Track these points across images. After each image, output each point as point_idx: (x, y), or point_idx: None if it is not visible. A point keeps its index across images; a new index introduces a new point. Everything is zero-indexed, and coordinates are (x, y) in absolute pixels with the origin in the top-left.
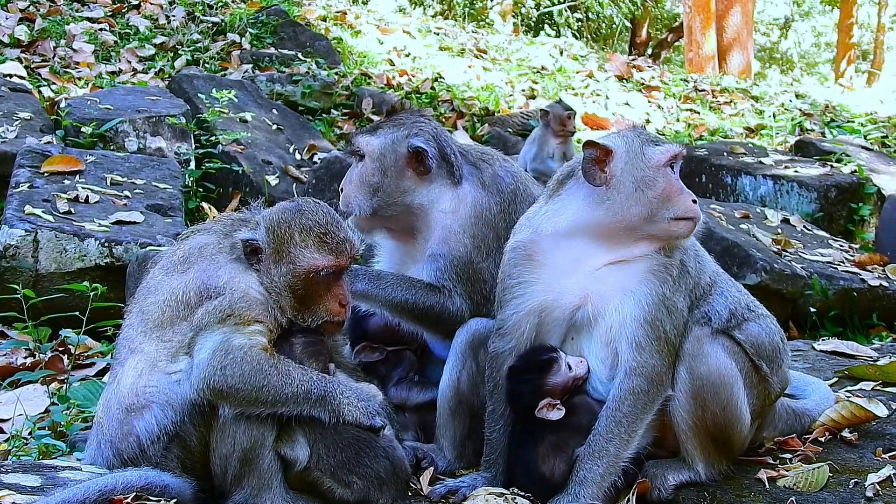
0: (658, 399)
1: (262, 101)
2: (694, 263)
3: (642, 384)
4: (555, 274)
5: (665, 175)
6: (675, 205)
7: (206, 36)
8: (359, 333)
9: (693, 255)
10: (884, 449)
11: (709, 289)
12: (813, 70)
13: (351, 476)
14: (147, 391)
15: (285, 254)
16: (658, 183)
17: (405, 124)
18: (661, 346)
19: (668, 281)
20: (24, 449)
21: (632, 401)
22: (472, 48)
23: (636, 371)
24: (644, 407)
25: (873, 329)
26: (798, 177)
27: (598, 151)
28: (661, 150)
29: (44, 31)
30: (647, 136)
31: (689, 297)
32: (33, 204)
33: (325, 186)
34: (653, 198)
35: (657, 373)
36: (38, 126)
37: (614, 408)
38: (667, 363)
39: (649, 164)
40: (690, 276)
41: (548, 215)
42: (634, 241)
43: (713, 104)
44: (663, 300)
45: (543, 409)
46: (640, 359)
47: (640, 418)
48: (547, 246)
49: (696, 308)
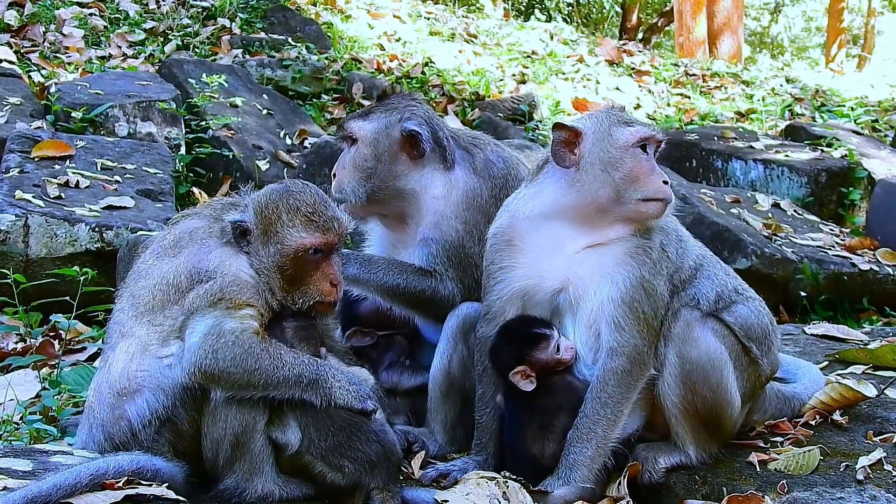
0: (641, 378)
1: (252, 86)
2: (675, 247)
3: (624, 364)
4: (535, 258)
5: (633, 155)
6: (644, 185)
7: (196, 21)
8: (350, 318)
9: (675, 239)
10: (874, 432)
11: (693, 272)
12: (803, 54)
13: (342, 460)
14: (138, 375)
15: (273, 234)
16: (625, 164)
17: (397, 108)
18: (640, 326)
19: (646, 263)
20: (15, 434)
21: (615, 381)
22: (462, 33)
23: (617, 351)
24: (628, 386)
25: (864, 313)
26: (789, 161)
27: (566, 133)
28: (629, 132)
29: (33, 16)
30: (619, 118)
31: (669, 281)
32: (24, 189)
33: (315, 171)
34: (619, 179)
35: (638, 352)
36: (28, 111)
37: (599, 389)
38: (648, 342)
39: (616, 144)
40: (671, 261)
41: (525, 199)
42: (609, 224)
43: (704, 89)
44: (641, 282)
45: (518, 375)
46: (620, 339)
47: (625, 398)
48: (525, 230)
49: (681, 291)
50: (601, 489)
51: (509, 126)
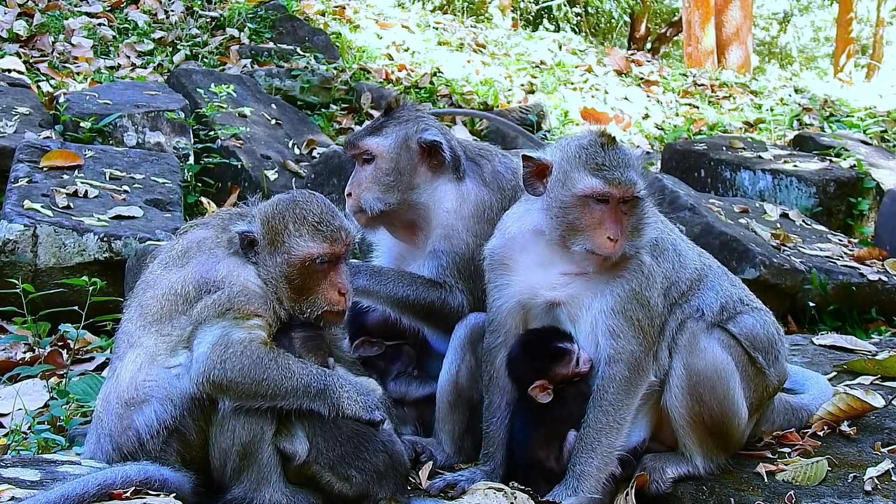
0: (640, 384)
1: (260, 96)
2: (672, 261)
3: (622, 370)
4: (527, 276)
5: (583, 206)
6: (586, 239)
7: (205, 31)
8: (358, 328)
9: (672, 252)
10: (882, 443)
11: (694, 285)
12: (812, 64)
13: (350, 470)
14: (146, 385)
15: (280, 244)
16: (572, 213)
17: (410, 120)
18: (636, 333)
19: (637, 277)
20: (23, 443)
21: (614, 388)
22: (470, 43)
23: (615, 358)
24: (627, 392)
25: (872, 323)
26: (797, 171)
27: (533, 165)
28: (584, 183)
29: (42, 26)
30: (588, 157)
31: (667, 294)
32: (32, 199)
33: (324, 181)
34: (566, 224)
35: (636, 358)
36: (37, 121)
37: (599, 397)
38: (645, 349)
39: (569, 191)
40: (665, 275)
41: (515, 218)
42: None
43: (712, 99)
44: (633, 294)
45: (536, 388)
46: (616, 346)
47: (625, 405)
48: (516, 249)
49: (683, 303)
50: (609, 499)
51: (518, 136)
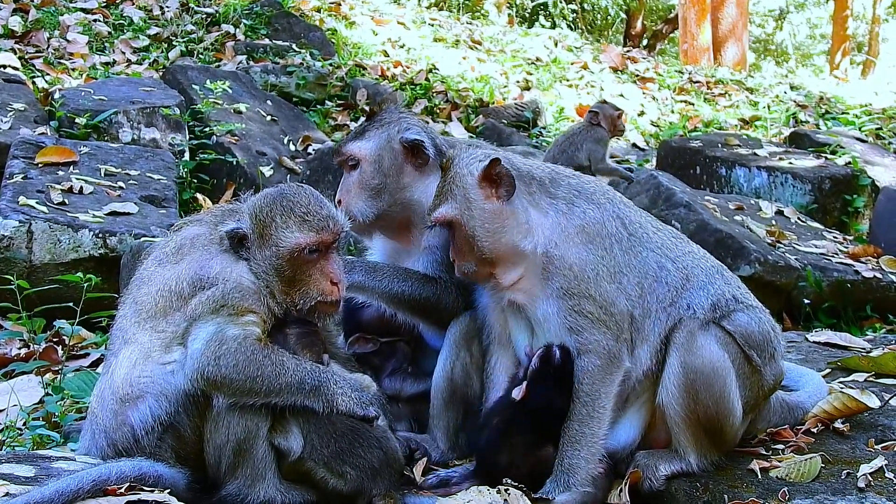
0: (615, 371)
1: (256, 93)
2: (605, 249)
3: (594, 360)
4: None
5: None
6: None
7: (201, 27)
8: (352, 324)
9: (611, 240)
10: (876, 440)
11: (682, 282)
12: (808, 62)
13: (344, 466)
14: (141, 381)
15: (269, 237)
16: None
17: (391, 121)
18: (594, 324)
19: (563, 274)
20: (18, 439)
21: (588, 379)
22: (466, 39)
23: (584, 350)
24: (602, 380)
25: (867, 320)
26: (792, 168)
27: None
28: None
29: (38, 22)
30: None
31: (615, 280)
32: (27, 195)
33: (319, 177)
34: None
35: (604, 346)
36: (32, 117)
37: (577, 390)
38: (612, 336)
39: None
40: (601, 263)
41: None
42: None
43: (708, 96)
44: (569, 293)
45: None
46: (581, 339)
47: (603, 393)
48: None
49: (676, 302)
50: (603, 496)
51: (513, 132)
